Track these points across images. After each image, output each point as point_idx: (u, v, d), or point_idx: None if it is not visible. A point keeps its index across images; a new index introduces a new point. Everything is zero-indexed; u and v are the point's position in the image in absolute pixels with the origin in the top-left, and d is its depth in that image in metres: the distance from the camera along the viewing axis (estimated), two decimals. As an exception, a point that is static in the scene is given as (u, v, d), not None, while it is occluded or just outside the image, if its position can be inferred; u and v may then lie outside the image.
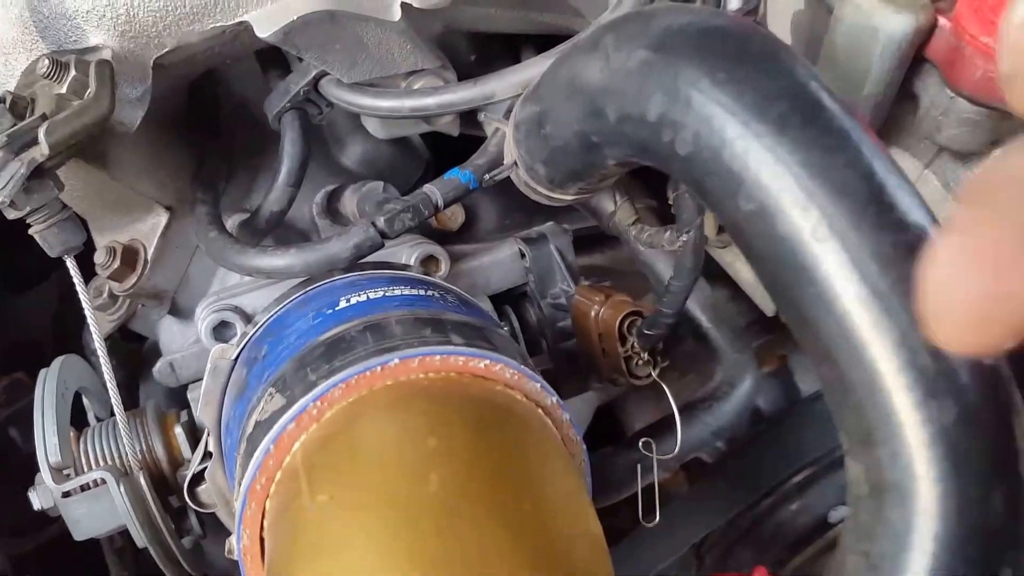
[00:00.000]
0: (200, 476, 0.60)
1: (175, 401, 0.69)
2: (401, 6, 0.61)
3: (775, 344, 0.86)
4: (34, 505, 0.61)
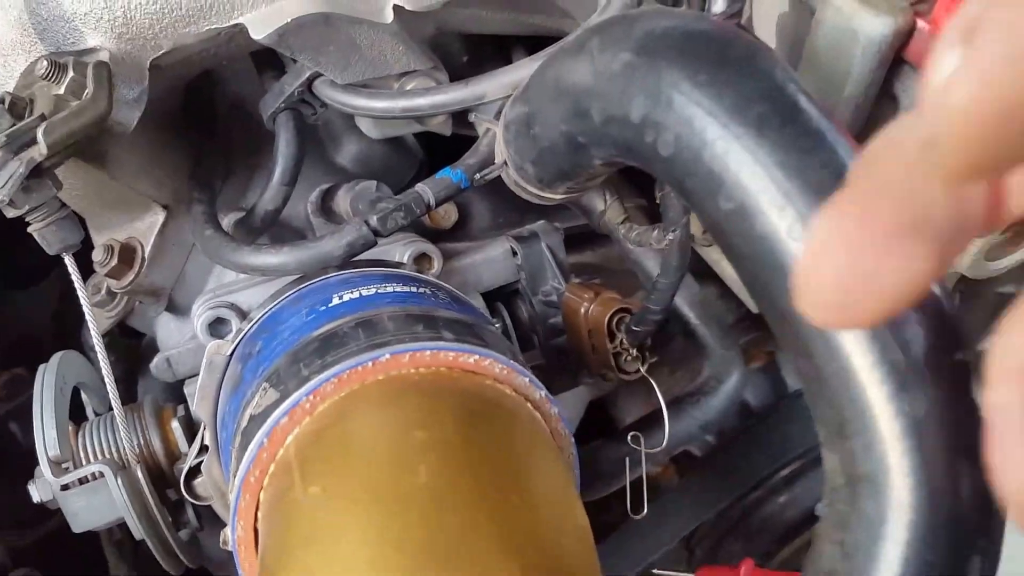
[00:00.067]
0: (196, 469, 0.61)
1: (172, 396, 0.70)
2: (394, 8, 0.61)
3: (762, 340, 0.86)
4: (33, 498, 0.61)
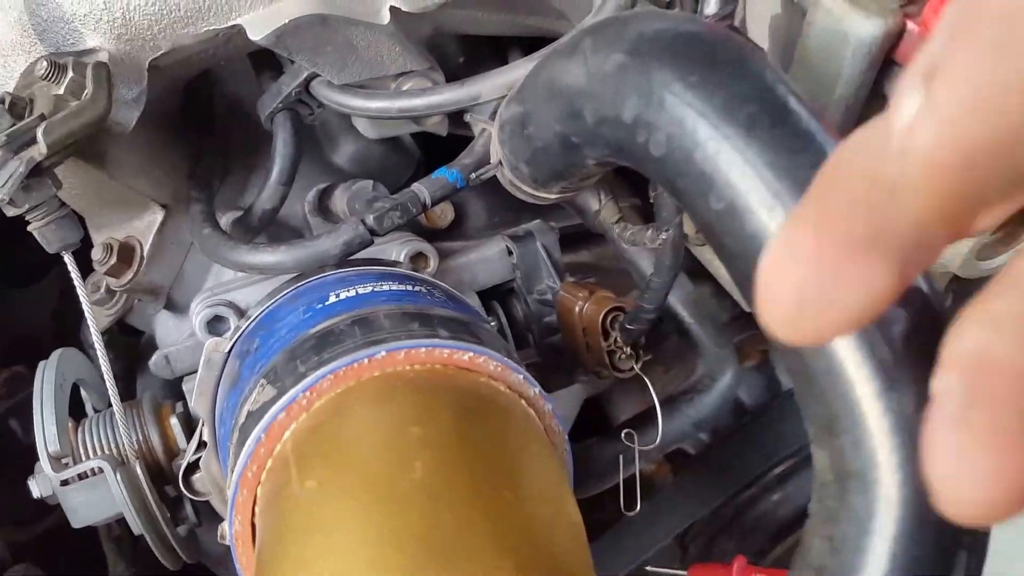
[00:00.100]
0: (195, 465, 0.62)
1: (171, 393, 0.70)
2: (390, 10, 0.62)
3: (756, 339, 0.86)
4: (33, 493, 0.62)
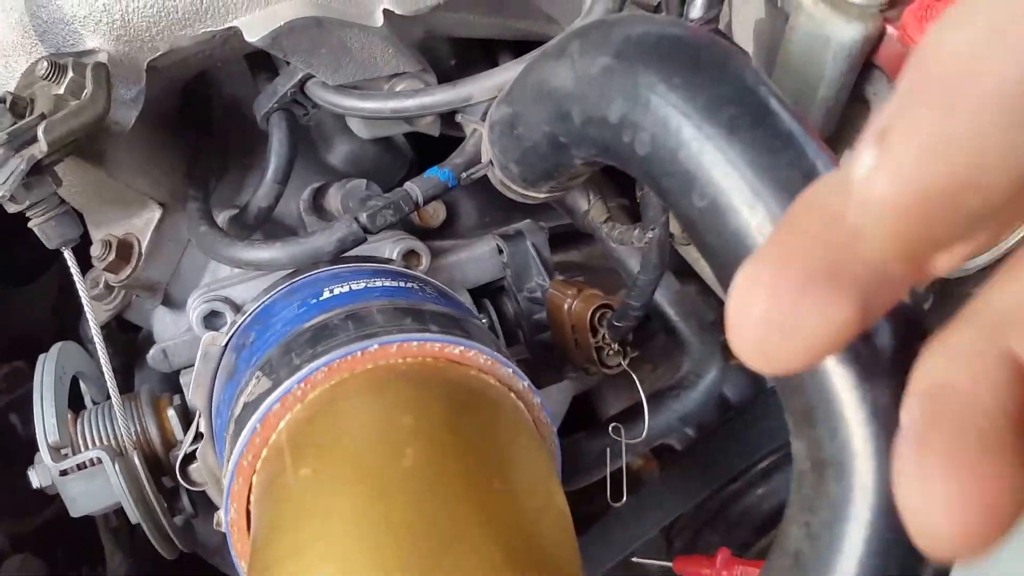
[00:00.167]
0: (192, 456, 0.63)
1: (168, 386, 0.71)
2: (384, 13, 0.63)
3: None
4: (33, 483, 0.63)
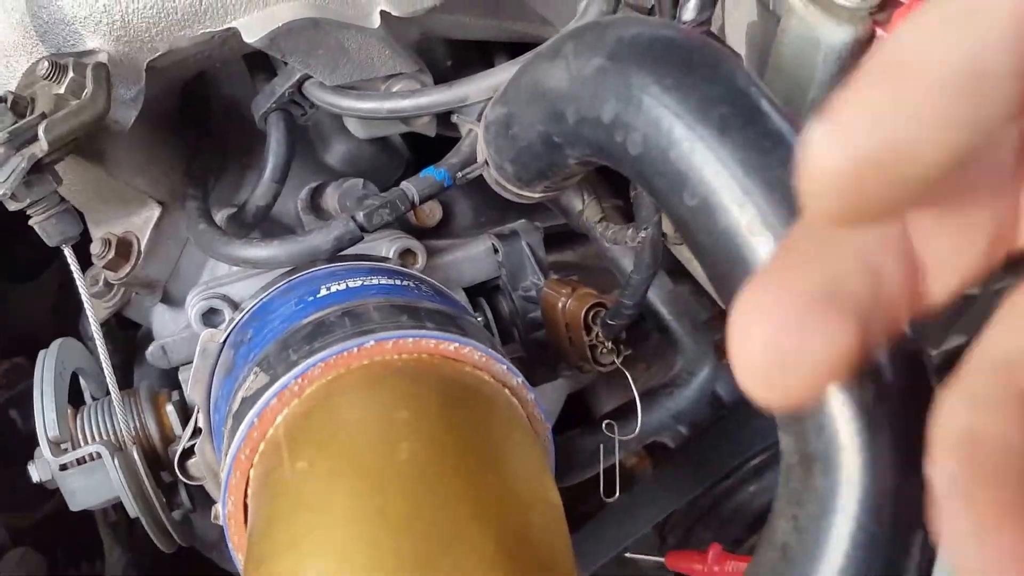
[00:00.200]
0: (190, 451, 0.63)
1: (167, 383, 0.72)
2: (381, 14, 0.63)
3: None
4: (33, 477, 0.63)
